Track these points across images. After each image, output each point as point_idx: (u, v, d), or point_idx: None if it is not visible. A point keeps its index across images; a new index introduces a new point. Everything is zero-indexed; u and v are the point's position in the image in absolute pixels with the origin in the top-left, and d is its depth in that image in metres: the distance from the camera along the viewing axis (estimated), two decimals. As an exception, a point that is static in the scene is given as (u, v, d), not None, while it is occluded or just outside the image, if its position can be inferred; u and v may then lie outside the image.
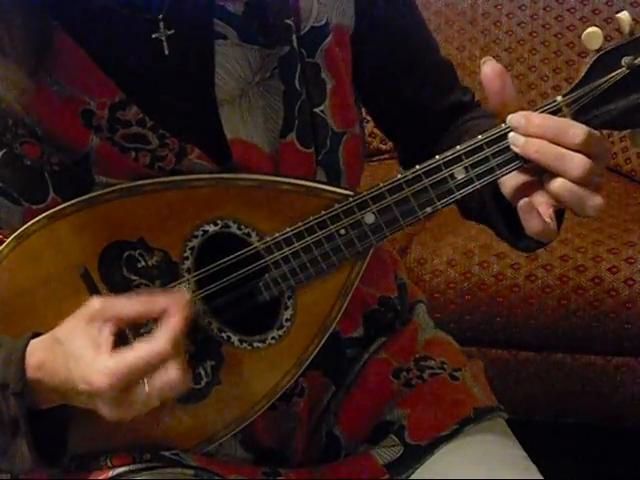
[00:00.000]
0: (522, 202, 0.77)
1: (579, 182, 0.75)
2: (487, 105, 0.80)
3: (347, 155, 0.91)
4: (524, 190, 0.80)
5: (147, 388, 0.76)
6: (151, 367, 0.76)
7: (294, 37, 0.86)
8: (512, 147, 0.77)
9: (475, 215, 0.96)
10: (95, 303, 0.79)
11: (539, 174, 0.78)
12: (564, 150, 0.74)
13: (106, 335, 0.77)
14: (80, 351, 0.77)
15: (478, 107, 1.04)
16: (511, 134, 0.77)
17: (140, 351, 0.76)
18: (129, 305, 0.79)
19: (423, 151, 0.99)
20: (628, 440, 1.95)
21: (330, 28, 0.88)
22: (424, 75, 0.99)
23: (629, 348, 1.83)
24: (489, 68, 0.78)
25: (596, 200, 0.76)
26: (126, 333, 0.81)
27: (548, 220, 0.77)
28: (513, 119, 0.76)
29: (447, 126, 1.00)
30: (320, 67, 0.88)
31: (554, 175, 0.76)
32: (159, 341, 0.76)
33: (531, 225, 0.78)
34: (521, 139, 0.76)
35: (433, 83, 1.00)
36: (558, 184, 0.75)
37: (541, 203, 0.78)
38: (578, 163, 0.74)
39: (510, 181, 0.82)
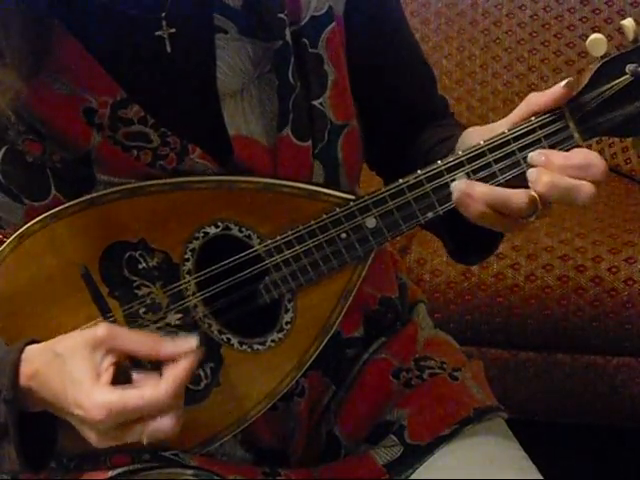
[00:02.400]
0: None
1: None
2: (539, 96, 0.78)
3: (346, 148, 0.91)
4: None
5: (139, 429, 0.76)
6: (147, 412, 0.75)
7: (287, 31, 0.85)
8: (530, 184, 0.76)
9: (428, 226, 0.97)
10: (102, 330, 0.78)
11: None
12: (573, 182, 0.74)
13: (107, 365, 0.77)
14: (80, 375, 0.76)
15: (451, 117, 1.05)
16: (530, 171, 0.76)
17: (142, 395, 0.75)
18: (137, 342, 0.78)
19: (391, 152, 1.00)
20: (628, 440, 1.95)
21: (333, 15, 0.88)
22: (406, 70, 0.99)
23: (629, 348, 1.83)
24: (566, 90, 0.76)
25: (589, 188, 0.75)
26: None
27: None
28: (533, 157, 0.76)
29: (418, 129, 1.00)
30: (323, 58, 0.88)
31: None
32: (163, 389, 0.75)
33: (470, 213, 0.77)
34: (534, 174, 0.75)
35: (414, 81, 1.00)
36: (544, 182, 0.75)
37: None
38: (588, 192, 0.74)
39: None
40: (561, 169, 0.74)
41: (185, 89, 0.86)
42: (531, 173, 0.75)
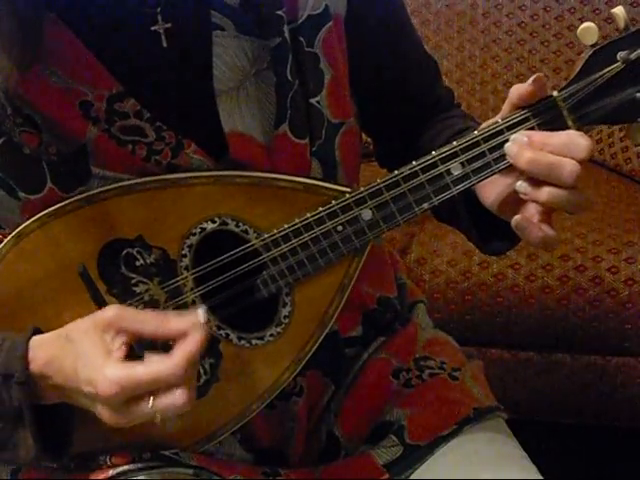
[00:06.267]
0: (515, 220, 0.77)
1: (569, 187, 0.75)
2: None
3: (343, 147, 0.92)
4: (509, 201, 0.81)
5: (151, 405, 0.75)
6: (160, 386, 0.75)
7: (285, 28, 0.86)
8: (508, 158, 0.77)
9: (447, 219, 0.97)
10: (111, 311, 0.78)
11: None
12: (554, 158, 0.74)
13: (118, 344, 0.77)
14: (90, 354, 0.76)
15: (458, 108, 1.05)
16: (507, 144, 0.77)
17: (152, 368, 0.75)
18: (145, 321, 0.78)
19: (400, 147, 1.00)
20: (628, 440, 1.95)
21: (331, 15, 0.88)
22: (409, 64, 1.00)
23: (629, 348, 1.83)
24: (537, 85, 0.77)
25: (585, 197, 0.76)
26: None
27: (547, 230, 0.77)
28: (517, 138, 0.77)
29: (425, 122, 1.00)
30: (319, 57, 0.88)
31: (540, 184, 0.76)
32: (173, 362, 0.75)
33: (531, 238, 0.78)
34: (514, 149, 0.76)
35: (418, 74, 1.01)
36: (546, 194, 0.75)
37: (533, 215, 0.77)
38: (571, 170, 0.74)
39: (490, 192, 0.83)
40: (543, 147, 0.75)
41: (181, 84, 0.86)
42: (510, 148, 0.76)
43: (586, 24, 0.74)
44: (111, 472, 0.88)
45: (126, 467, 0.89)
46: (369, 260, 0.87)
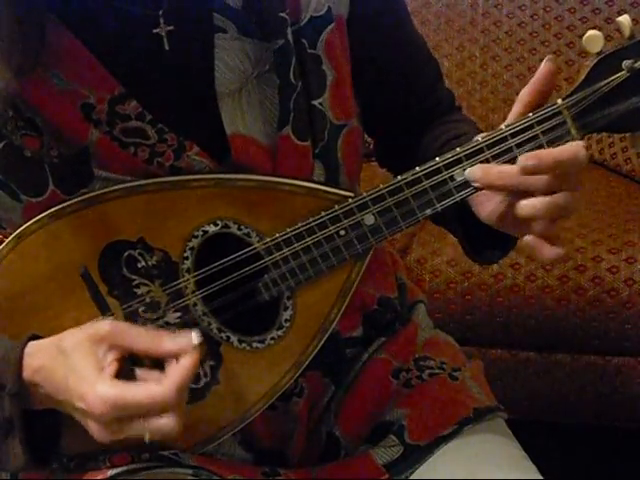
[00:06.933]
0: (526, 240, 0.77)
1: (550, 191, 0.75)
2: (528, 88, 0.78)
3: (346, 148, 0.91)
4: (509, 214, 0.80)
5: (140, 425, 0.76)
6: (149, 409, 0.75)
7: (289, 30, 0.85)
8: (472, 183, 0.77)
9: (442, 223, 0.97)
10: (105, 325, 0.78)
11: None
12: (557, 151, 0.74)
13: (110, 360, 0.77)
14: (83, 369, 0.76)
15: (458, 111, 1.05)
16: (467, 170, 0.77)
17: (144, 390, 0.75)
18: (139, 338, 0.78)
19: (401, 147, 1.00)
20: (628, 440, 1.95)
21: (333, 16, 0.88)
22: (411, 66, 0.99)
23: (629, 348, 1.83)
24: (547, 68, 0.77)
25: (575, 200, 0.75)
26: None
27: (557, 250, 0.77)
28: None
29: (427, 123, 1.00)
30: (321, 59, 0.88)
31: (520, 198, 0.75)
32: (165, 387, 0.75)
33: (543, 256, 0.77)
34: (478, 172, 0.76)
35: (419, 77, 1.01)
36: (526, 207, 0.75)
37: (541, 230, 0.77)
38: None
39: (486, 206, 0.82)
40: (555, 165, 0.73)
41: (183, 87, 0.86)
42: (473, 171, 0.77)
43: (591, 32, 0.74)
44: (110, 472, 0.88)
45: (125, 467, 0.89)
46: (369, 260, 0.87)
